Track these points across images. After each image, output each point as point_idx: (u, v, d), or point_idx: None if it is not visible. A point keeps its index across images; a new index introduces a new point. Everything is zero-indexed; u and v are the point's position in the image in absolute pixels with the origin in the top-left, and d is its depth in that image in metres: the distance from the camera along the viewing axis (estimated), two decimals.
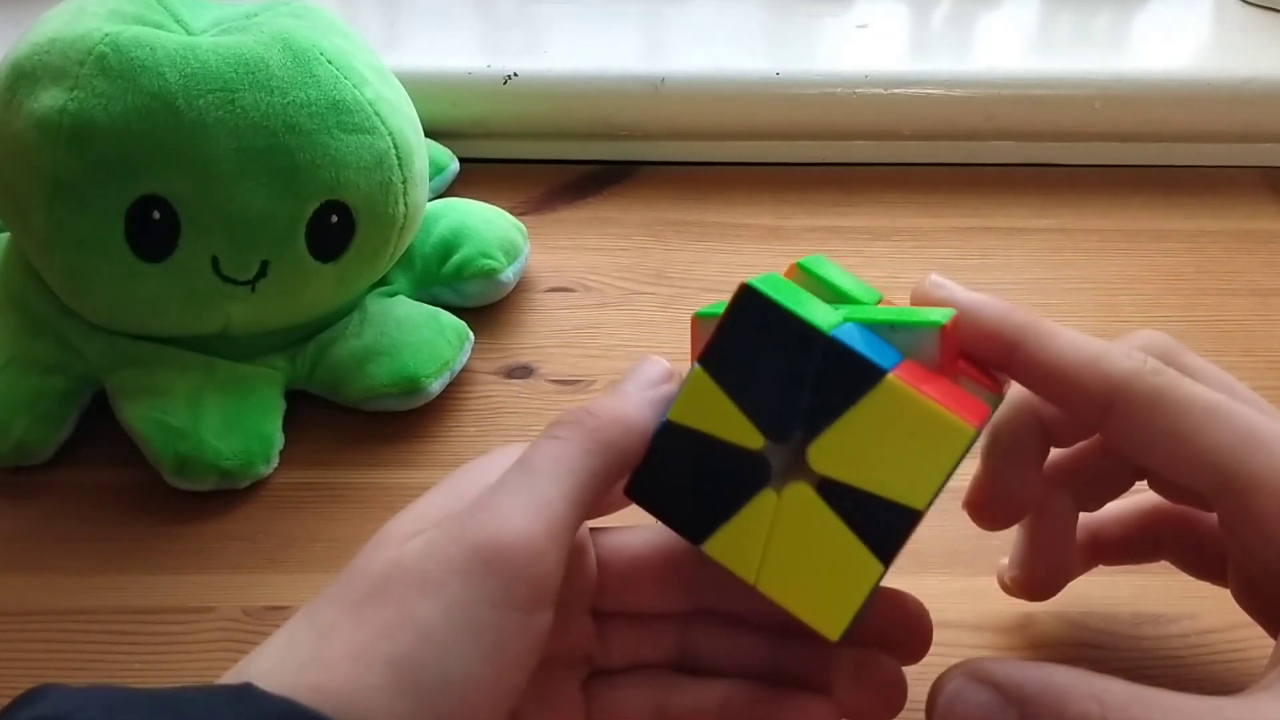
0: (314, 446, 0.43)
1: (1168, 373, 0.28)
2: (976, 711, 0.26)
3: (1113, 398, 0.27)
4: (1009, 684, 0.26)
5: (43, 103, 0.39)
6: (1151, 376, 0.27)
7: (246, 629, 0.37)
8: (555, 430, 0.28)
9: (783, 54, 0.56)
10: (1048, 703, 0.25)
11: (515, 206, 0.52)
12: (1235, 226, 0.53)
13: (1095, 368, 0.28)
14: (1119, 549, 0.34)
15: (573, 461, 0.27)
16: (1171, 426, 0.27)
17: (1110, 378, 0.27)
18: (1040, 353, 0.28)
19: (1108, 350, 0.28)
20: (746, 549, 0.28)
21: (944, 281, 0.30)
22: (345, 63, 0.41)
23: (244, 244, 0.40)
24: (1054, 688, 0.26)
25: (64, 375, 0.42)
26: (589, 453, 0.28)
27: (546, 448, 0.28)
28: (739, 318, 0.27)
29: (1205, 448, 0.27)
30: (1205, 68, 0.55)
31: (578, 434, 0.28)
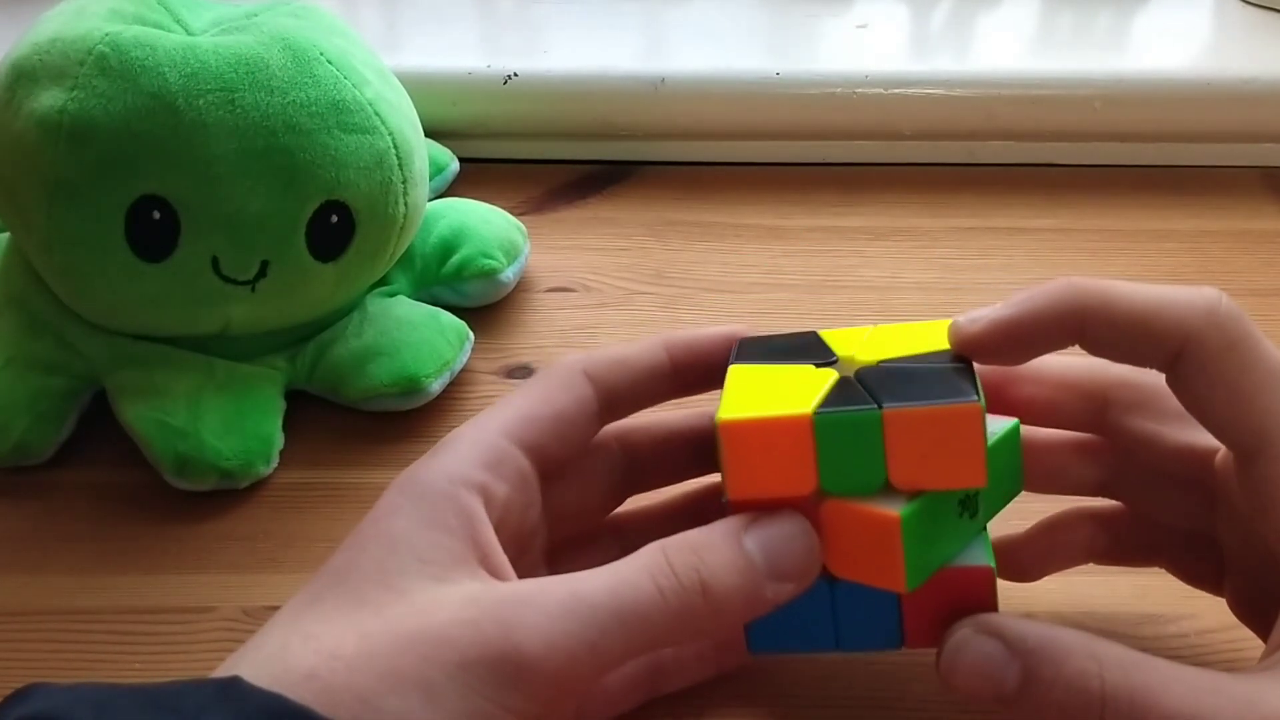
0: (314, 446, 0.43)
1: (1241, 324, 0.27)
2: (981, 661, 0.27)
3: (1185, 344, 0.27)
4: (1014, 637, 0.27)
5: (43, 102, 0.39)
6: (1225, 322, 0.27)
7: (247, 629, 0.37)
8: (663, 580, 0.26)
9: (783, 54, 0.56)
10: (1049, 658, 0.26)
11: (515, 206, 0.52)
12: (1236, 226, 0.53)
13: (1174, 311, 0.27)
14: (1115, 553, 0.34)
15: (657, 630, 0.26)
16: (1234, 379, 0.27)
17: (1188, 321, 0.27)
18: (1113, 308, 0.28)
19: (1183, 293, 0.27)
20: None
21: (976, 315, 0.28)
22: (345, 63, 0.41)
23: (244, 244, 0.40)
24: (1057, 644, 0.26)
25: (64, 375, 0.42)
26: (674, 629, 0.26)
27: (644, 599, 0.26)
28: None
29: (1261, 408, 0.27)
30: (1206, 68, 0.55)
31: (680, 606, 0.26)
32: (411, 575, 0.26)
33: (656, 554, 0.27)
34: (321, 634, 0.25)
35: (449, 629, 0.25)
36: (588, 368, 0.31)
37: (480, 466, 0.29)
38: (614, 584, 0.26)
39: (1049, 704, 0.26)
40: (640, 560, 0.27)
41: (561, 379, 0.31)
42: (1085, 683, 0.26)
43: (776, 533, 0.27)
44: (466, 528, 0.27)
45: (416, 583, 0.26)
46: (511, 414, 0.30)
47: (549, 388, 0.31)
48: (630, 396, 0.32)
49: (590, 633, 0.25)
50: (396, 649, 0.25)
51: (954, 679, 0.27)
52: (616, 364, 0.32)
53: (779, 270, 0.50)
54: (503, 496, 0.29)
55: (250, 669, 0.25)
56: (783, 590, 0.27)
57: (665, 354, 0.32)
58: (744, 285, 0.49)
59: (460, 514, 0.27)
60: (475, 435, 0.30)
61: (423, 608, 0.25)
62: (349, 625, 0.25)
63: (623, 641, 0.25)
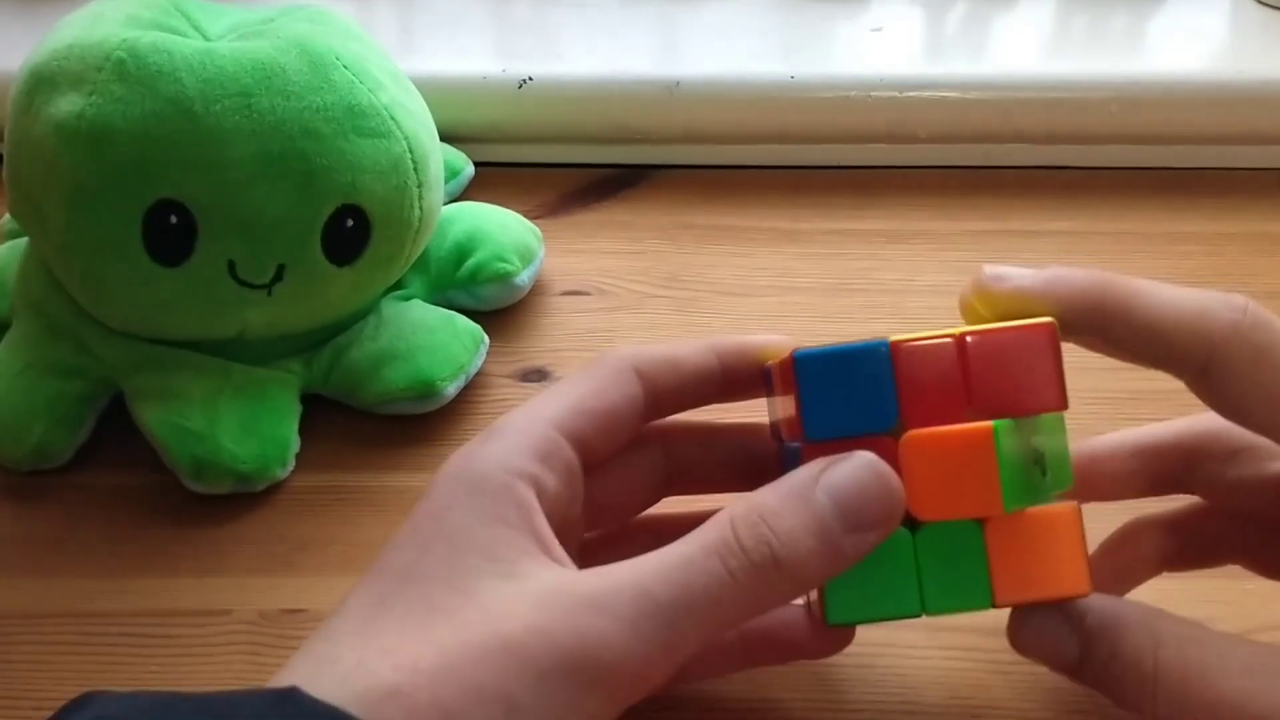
0: (330, 450, 0.43)
1: (1268, 326, 0.27)
2: (1044, 635, 0.28)
3: (1212, 356, 0.27)
4: (1076, 612, 0.28)
5: (61, 108, 0.39)
6: (1252, 332, 0.27)
7: (263, 632, 0.37)
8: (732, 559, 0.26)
9: (797, 57, 0.56)
10: (1106, 634, 0.27)
11: (530, 210, 0.52)
12: (1253, 229, 0.52)
13: (1195, 325, 0.27)
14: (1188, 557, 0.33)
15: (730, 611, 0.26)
16: (1270, 386, 0.27)
17: (1210, 336, 0.27)
18: (1134, 314, 0.27)
19: (1206, 304, 0.27)
20: None
21: (1004, 272, 0.28)
22: (361, 67, 0.41)
23: (260, 248, 0.40)
24: (1116, 620, 0.27)
25: (82, 379, 0.42)
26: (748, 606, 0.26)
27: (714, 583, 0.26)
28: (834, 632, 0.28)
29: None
30: (1222, 69, 0.55)
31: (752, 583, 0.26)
32: (478, 574, 0.26)
33: (725, 530, 0.26)
34: (397, 648, 0.25)
35: (524, 638, 0.25)
36: (639, 364, 0.31)
37: (532, 457, 0.28)
38: (684, 576, 0.25)
39: (1106, 678, 0.27)
40: (709, 540, 0.26)
41: (613, 373, 0.31)
42: (1139, 659, 0.26)
43: (850, 477, 0.26)
44: (525, 520, 0.27)
45: (484, 581, 0.26)
46: (562, 404, 0.30)
47: (600, 381, 0.30)
48: (678, 397, 0.32)
49: (664, 632, 0.25)
50: (474, 660, 0.24)
51: (1021, 650, 0.29)
52: (667, 363, 0.31)
53: (793, 273, 0.50)
54: (553, 489, 0.29)
55: (330, 685, 0.24)
56: (864, 542, 0.26)
57: (715, 357, 0.31)
58: (758, 288, 0.49)
59: (518, 506, 0.27)
60: (527, 425, 0.29)
61: (494, 612, 0.25)
62: (423, 636, 0.25)
63: (696, 631, 0.25)
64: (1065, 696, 0.34)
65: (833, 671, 0.35)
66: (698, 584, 0.25)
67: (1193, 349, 0.27)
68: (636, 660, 0.25)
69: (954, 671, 0.35)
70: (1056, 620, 0.28)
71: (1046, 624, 0.28)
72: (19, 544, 0.40)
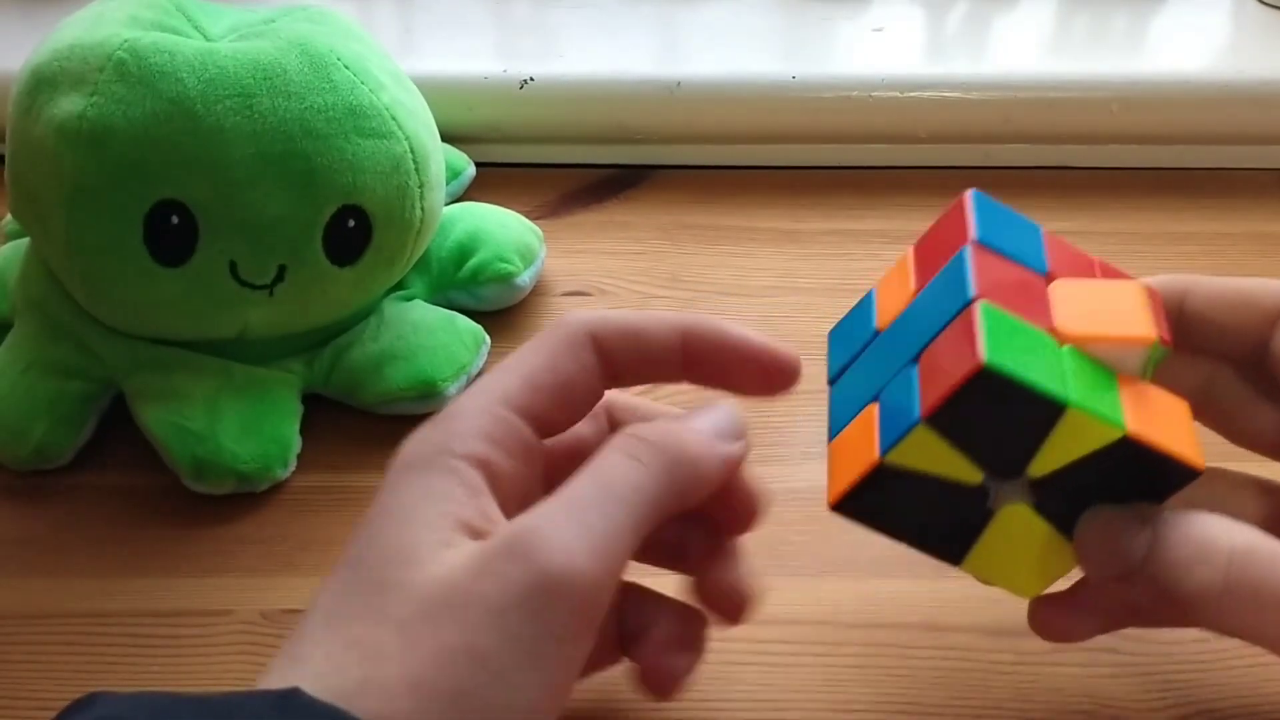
0: (331, 450, 0.43)
1: None
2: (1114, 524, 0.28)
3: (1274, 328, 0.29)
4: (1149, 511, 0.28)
5: (62, 108, 0.39)
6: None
7: (264, 632, 0.37)
8: (635, 449, 0.27)
9: (798, 57, 0.56)
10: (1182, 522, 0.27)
11: (531, 210, 0.52)
12: (1253, 229, 0.52)
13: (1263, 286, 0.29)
14: None
15: (649, 493, 0.27)
16: None
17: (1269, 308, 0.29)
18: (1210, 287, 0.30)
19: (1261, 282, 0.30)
20: None
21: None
22: (362, 68, 0.41)
23: (261, 248, 0.40)
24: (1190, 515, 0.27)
25: (83, 379, 0.42)
26: (664, 488, 0.27)
27: (626, 470, 0.27)
28: (976, 389, 0.26)
29: None
30: (1223, 70, 0.55)
31: (658, 463, 0.27)
32: (425, 546, 0.26)
33: (617, 438, 0.28)
34: (362, 637, 0.25)
35: (472, 586, 0.25)
36: (597, 332, 0.30)
37: (482, 439, 0.28)
38: (594, 476, 0.27)
39: (1174, 561, 0.27)
40: (606, 449, 0.28)
41: (567, 342, 0.30)
42: (1215, 540, 0.27)
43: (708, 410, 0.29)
44: (472, 499, 0.27)
45: (430, 551, 0.26)
46: (514, 381, 0.29)
47: (554, 353, 0.30)
48: (638, 370, 0.31)
49: (595, 522, 0.26)
50: (433, 625, 0.24)
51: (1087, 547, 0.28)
52: (628, 335, 0.30)
53: (794, 274, 0.50)
54: (507, 470, 0.28)
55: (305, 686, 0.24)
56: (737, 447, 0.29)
57: (679, 336, 0.30)
58: (759, 289, 0.49)
59: (465, 486, 0.27)
60: (477, 406, 0.29)
61: (442, 574, 0.25)
62: (382, 616, 0.25)
63: (630, 518, 0.26)
64: (1066, 697, 0.34)
65: (834, 671, 0.35)
66: (613, 476, 0.27)
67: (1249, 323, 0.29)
68: (583, 558, 0.25)
69: (955, 672, 0.35)
70: (1127, 514, 0.27)
71: (1118, 514, 0.27)
72: (19, 544, 0.40)
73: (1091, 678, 0.35)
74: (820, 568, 0.38)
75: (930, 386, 0.27)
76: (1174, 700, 0.34)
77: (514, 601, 0.24)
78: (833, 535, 0.39)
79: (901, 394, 0.28)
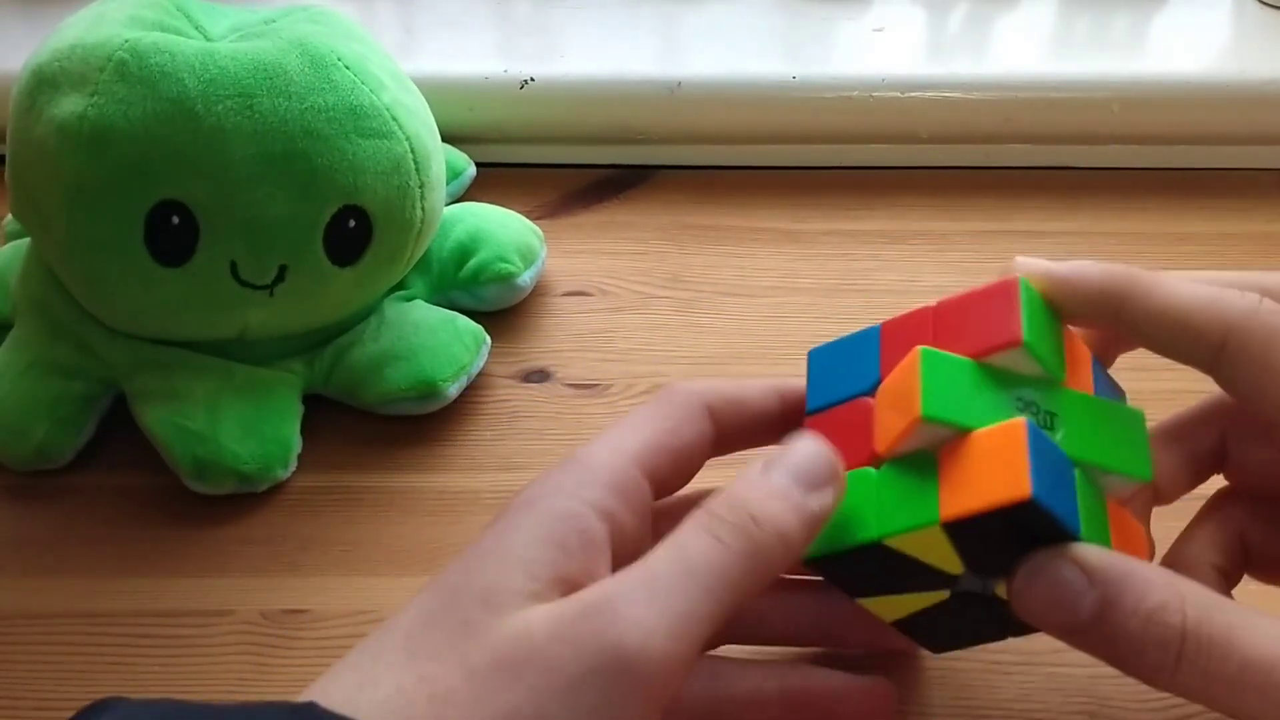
0: (332, 450, 0.43)
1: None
2: (1058, 584, 0.26)
3: (1227, 337, 0.27)
4: (1095, 566, 0.26)
5: (63, 109, 0.39)
6: (1269, 315, 0.27)
7: (265, 632, 0.37)
8: (716, 527, 0.26)
9: (799, 57, 0.56)
10: (1131, 588, 0.26)
11: (532, 211, 0.52)
12: (1255, 229, 0.52)
13: (1210, 308, 0.27)
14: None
15: (730, 576, 0.26)
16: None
17: (1226, 317, 0.27)
18: (1150, 300, 0.28)
19: (1221, 291, 0.27)
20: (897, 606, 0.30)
21: (1028, 261, 0.29)
22: (363, 68, 0.41)
23: (262, 249, 0.40)
24: (1139, 576, 0.26)
25: (84, 379, 0.42)
26: (746, 570, 0.26)
27: (707, 550, 0.26)
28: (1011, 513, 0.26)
29: None
30: (1224, 70, 0.55)
31: (741, 544, 0.26)
32: (516, 594, 0.26)
33: (699, 514, 0.27)
34: (434, 675, 0.24)
35: (549, 651, 0.24)
36: (710, 401, 0.31)
37: (612, 491, 0.28)
38: (675, 553, 0.26)
39: (1125, 635, 0.26)
40: (687, 524, 0.27)
41: (686, 409, 0.31)
42: (1167, 616, 0.25)
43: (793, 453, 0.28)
44: (584, 549, 0.27)
45: (516, 600, 0.25)
46: (643, 439, 0.30)
47: (676, 419, 0.30)
48: (740, 436, 0.32)
49: (676, 603, 0.25)
50: (504, 684, 0.24)
51: (1026, 603, 0.27)
52: (735, 404, 0.31)
53: (795, 274, 0.50)
54: (629, 526, 0.28)
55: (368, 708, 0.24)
56: (825, 498, 0.28)
57: (778, 399, 0.32)
58: (760, 289, 0.49)
59: (581, 534, 0.27)
60: (609, 458, 0.29)
61: (521, 630, 0.25)
62: (458, 660, 0.25)
63: (707, 600, 0.25)
64: (1068, 697, 0.34)
65: None
66: (694, 556, 0.26)
67: (1209, 329, 0.27)
68: (660, 639, 0.24)
69: (957, 672, 0.35)
70: (1073, 570, 0.26)
71: (1062, 573, 0.26)
72: (21, 544, 0.40)
73: (1094, 678, 0.35)
74: None
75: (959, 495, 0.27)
76: (1175, 701, 0.34)
77: (586, 673, 0.24)
78: None
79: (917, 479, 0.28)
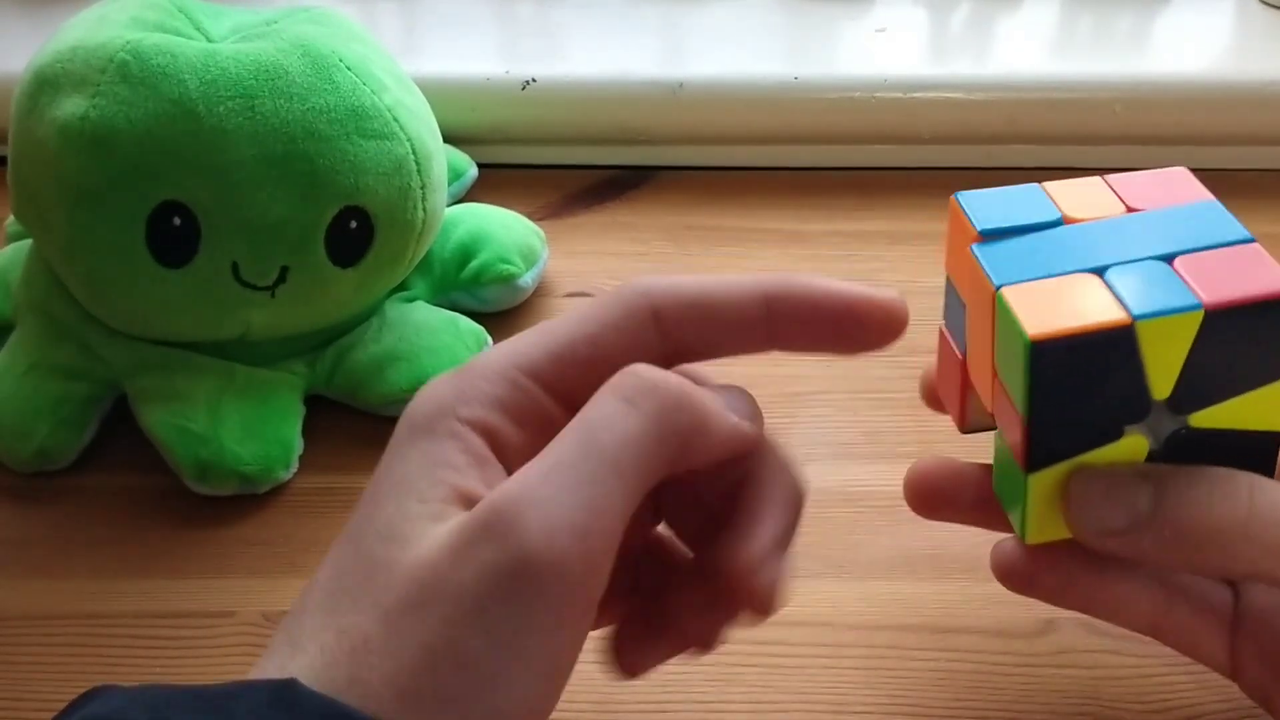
0: (333, 451, 0.43)
1: None
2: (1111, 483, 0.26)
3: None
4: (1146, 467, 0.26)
5: (65, 110, 0.39)
6: None
7: (267, 633, 0.37)
8: (630, 390, 0.24)
9: (801, 58, 0.56)
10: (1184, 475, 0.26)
11: (533, 212, 0.52)
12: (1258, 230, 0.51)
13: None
14: None
15: (643, 446, 0.23)
16: None
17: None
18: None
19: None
20: None
21: None
22: (364, 69, 0.41)
23: (264, 250, 0.40)
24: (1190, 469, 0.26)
25: (85, 381, 0.42)
26: (662, 437, 0.24)
27: (617, 418, 0.23)
28: (1265, 310, 0.26)
29: None
30: (1226, 70, 0.55)
31: (655, 406, 0.24)
32: (414, 518, 0.24)
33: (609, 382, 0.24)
34: (350, 626, 0.23)
35: (452, 577, 0.23)
36: (661, 306, 0.26)
37: (492, 406, 0.25)
38: (581, 431, 0.24)
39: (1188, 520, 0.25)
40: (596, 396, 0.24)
41: (622, 314, 0.26)
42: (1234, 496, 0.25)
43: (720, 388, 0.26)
44: (474, 466, 0.25)
45: (418, 526, 0.24)
46: (543, 348, 0.26)
47: (603, 324, 0.26)
48: (709, 347, 0.27)
49: (582, 493, 0.23)
50: (416, 619, 0.23)
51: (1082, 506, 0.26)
52: (699, 308, 0.27)
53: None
54: (517, 442, 0.26)
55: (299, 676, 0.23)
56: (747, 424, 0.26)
57: (762, 304, 0.27)
58: None
59: (467, 452, 0.25)
60: (494, 367, 0.26)
61: (424, 556, 0.23)
62: (369, 605, 0.23)
63: (618, 480, 0.23)
64: (1068, 699, 0.34)
65: (836, 674, 0.35)
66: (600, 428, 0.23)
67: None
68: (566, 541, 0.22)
69: (958, 674, 0.35)
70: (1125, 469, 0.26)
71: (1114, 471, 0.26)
72: (22, 545, 0.40)
73: (1094, 680, 0.35)
74: (821, 569, 0.38)
75: (1217, 287, 0.26)
76: (1176, 703, 0.34)
77: (492, 591, 0.22)
78: (834, 537, 0.38)
79: (1158, 280, 0.27)
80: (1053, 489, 0.28)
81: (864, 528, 0.39)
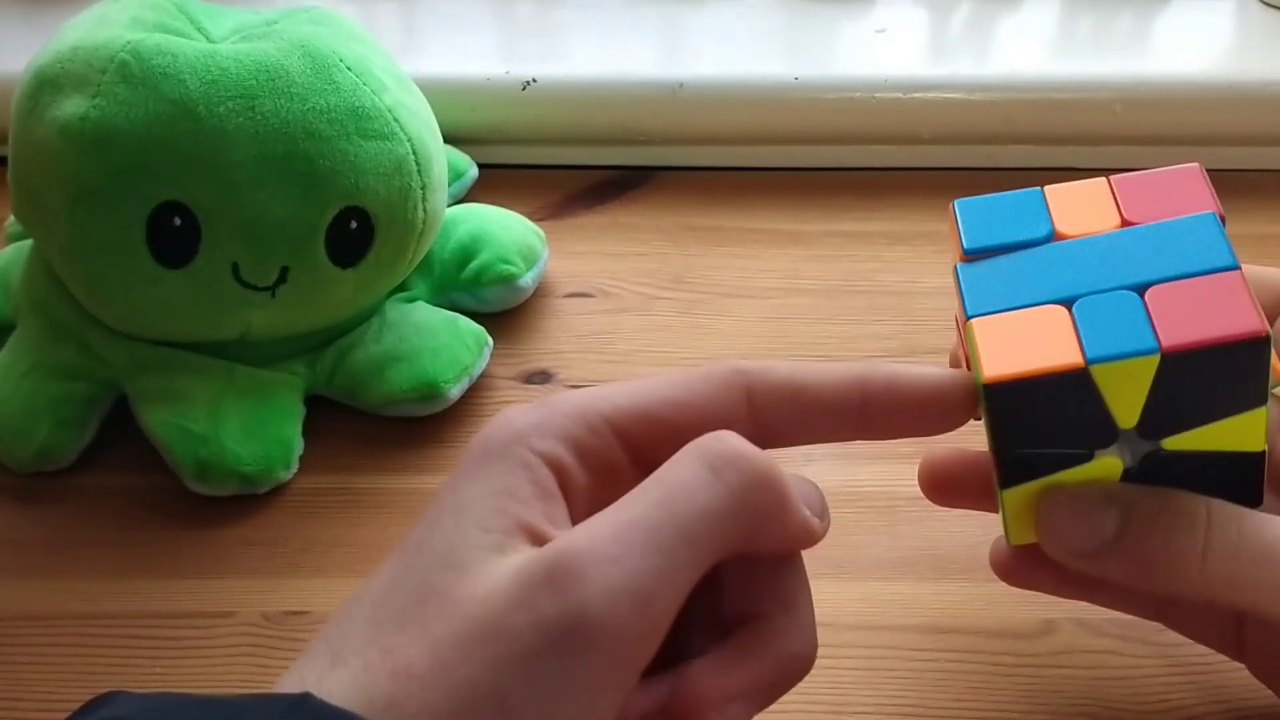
0: (333, 452, 0.43)
1: None
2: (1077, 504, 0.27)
3: None
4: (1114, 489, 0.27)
5: (65, 110, 0.39)
6: None
7: (267, 634, 0.37)
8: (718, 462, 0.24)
9: (801, 58, 0.56)
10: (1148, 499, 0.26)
11: (534, 212, 0.52)
12: (1258, 230, 0.52)
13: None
14: None
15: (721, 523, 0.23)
16: None
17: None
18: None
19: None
20: None
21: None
22: (364, 69, 0.41)
23: (264, 250, 0.40)
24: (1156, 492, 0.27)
25: (86, 381, 0.42)
26: (740, 517, 0.24)
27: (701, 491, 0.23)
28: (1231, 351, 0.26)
29: None
30: (1227, 70, 0.55)
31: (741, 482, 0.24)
32: (474, 547, 0.24)
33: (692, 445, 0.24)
34: (396, 647, 0.23)
35: (508, 618, 0.23)
36: (755, 387, 0.26)
37: (565, 443, 0.25)
38: (658, 491, 0.23)
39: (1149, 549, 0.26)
40: (679, 456, 0.24)
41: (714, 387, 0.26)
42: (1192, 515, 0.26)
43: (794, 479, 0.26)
44: (540, 498, 0.25)
45: (477, 555, 0.24)
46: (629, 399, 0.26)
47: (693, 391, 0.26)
48: (793, 433, 0.27)
49: (651, 560, 0.23)
50: (464, 654, 0.23)
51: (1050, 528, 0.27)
52: (792, 395, 0.27)
53: (797, 275, 0.50)
54: (582, 485, 0.26)
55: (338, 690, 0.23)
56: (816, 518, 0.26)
57: (858, 393, 0.27)
58: (762, 290, 0.49)
59: (535, 484, 0.25)
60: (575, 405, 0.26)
61: (482, 591, 0.23)
62: (420, 628, 0.23)
63: (688, 552, 0.23)
64: (1069, 699, 0.34)
65: (836, 674, 0.35)
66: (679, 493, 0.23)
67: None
68: (626, 611, 0.22)
69: (958, 674, 0.35)
70: (1092, 489, 0.26)
71: (1081, 493, 0.26)
72: (23, 546, 0.40)
73: (1094, 680, 0.35)
74: (821, 570, 0.38)
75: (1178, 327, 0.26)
76: (1176, 703, 0.34)
77: (544, 642, 0.22)
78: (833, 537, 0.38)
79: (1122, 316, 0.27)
80: (1027, 502, 0.28)
81: (864, 528, 0.39)
